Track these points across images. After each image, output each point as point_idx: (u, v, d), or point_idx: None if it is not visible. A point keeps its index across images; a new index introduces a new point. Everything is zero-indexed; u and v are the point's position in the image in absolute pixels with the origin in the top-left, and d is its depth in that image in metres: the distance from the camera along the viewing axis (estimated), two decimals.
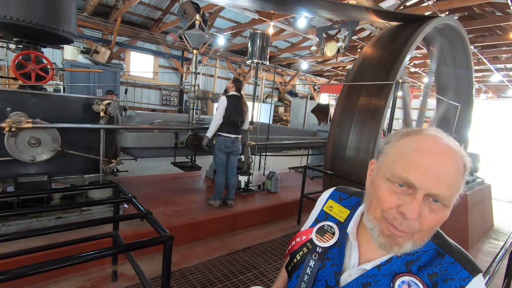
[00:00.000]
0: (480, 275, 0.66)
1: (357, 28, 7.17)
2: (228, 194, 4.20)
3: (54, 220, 3.01)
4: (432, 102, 9.86)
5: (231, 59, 12.63)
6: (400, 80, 3.47)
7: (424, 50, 8.76)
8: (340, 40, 6.08)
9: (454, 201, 0.63)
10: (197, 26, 4.32)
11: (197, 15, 4.38)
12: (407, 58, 3.65)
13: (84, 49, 8.31)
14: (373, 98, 3.69)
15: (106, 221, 1.91)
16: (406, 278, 0.66)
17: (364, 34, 10.53)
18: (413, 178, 0.60)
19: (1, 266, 1.97)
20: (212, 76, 12.27)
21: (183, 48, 10.95)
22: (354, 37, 9.00)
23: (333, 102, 15.65)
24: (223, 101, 3.99)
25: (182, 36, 4.45)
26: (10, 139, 2.77)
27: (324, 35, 6.88)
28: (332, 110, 7.76)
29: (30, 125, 2.78)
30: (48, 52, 8.09)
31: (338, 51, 6.36)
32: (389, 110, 3.53)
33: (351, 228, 0.77)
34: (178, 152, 4.40)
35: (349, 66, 13.48)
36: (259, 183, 5.21)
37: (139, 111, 5.49)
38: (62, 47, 7.40)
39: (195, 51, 4.33)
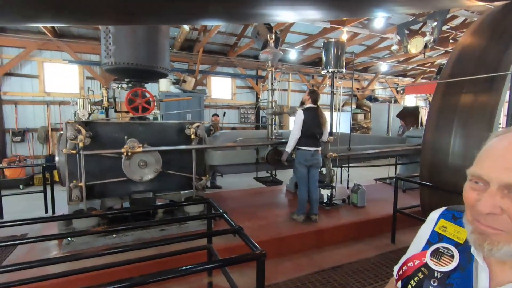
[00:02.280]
0: None
1: (447, 16, 6.30)
2: (312, 209, 4.08)
3: (159, 232, 3.44)
4: None
5: (304, 71, 12.62)
6: None
7: None
8: (427, 33, 5.43)
9: None
10: (270, 45, 4.48)
11: (270, 34, 4.55)
12: None
13: (175, 80, 9.54)
14: (480, 94, 3.11)
15: (202, 235, 2.07)
16: None
17: (457, 22, 9.15)
18: (480, 171, 0.61)
19: (118, 273, 2.34)
20: (286, 90, 12.46)
21: (256, 67, 11.51)
22: (444, 27, 7.90)
23: (422, 104, 13.91)
24: (300, 114, 3.97)
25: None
26: (126, 161, 3.33)
27: (406, 32, 6.26)
28: (422, 113, 6.89)
29: (140, 149, 3.30)
30: (147, 86, 9.61)
31: (426, 46, 5.68)
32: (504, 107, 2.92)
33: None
34: (260, 167, 4.54)
35: (439, 61, 11.84)
36: (343, 196, 4.92)
37: (222, 131, 5.94)
38: (158, 81, 8.68)
39: (270, 69, 4.47)
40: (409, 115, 7.06)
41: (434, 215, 0.87)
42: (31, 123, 8.34)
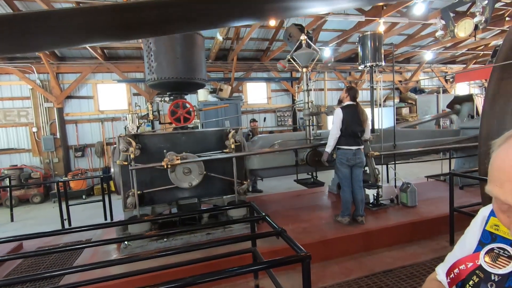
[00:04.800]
0: None
1: None
2: (357, 210, 3.92)
3: (206, 236, 3.58)
4: None
5: (339, 69, 12.25)
6: None
7: None
8: (477, 14, 4.96)
9: None
10: (303, 45, 4.44)
11: (302, 35, 4.51)
12: None
13: (212, 89, 9.90)
14: None
15: (246, 238, 2.11)
16: None
17: None
18: (503, 196, 0.57)
19: (169, 274, 2.47)
20: (322, 89, 12.20)
21: (291, 69, 11.46)
22: (497, 5, 7.11)
23: (477, 91, 12.61)
24: (338, 113, 3.86)
25: (290, 59, 4.65)
26: (172, 174, 3.54)
27: (452, 15, 5.77)
28: (478, 101, 6.25)
29: (179, 161, 3.48)
30: (187, 98, 10.13)
31: (476, 27, 5.19)
32: None
33: None
34: (300, 169, 4.49)
35: (495, 42, 10.67)
36: (391, 196, 4.64)
37: (260, 135, 6.00)
38: (197, 91, 9.08)
39: (304, 70, 4.43)
40: (461, 105, 6.43)
41: (484, 212, 0.82)
42: (89, 139, 9.28)
